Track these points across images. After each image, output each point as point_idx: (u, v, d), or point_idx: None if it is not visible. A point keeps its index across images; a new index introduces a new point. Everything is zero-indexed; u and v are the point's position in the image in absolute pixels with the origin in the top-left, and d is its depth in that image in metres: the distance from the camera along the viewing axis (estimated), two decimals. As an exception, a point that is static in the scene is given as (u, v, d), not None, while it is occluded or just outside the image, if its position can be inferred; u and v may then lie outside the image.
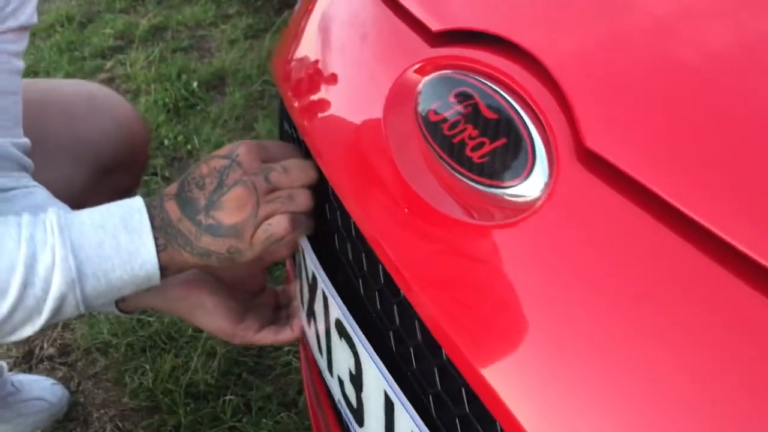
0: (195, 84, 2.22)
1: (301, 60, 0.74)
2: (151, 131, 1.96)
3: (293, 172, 0.67)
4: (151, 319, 1.46)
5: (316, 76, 0.70)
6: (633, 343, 0.39)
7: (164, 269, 0.66)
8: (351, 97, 0.64)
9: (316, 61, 0.71)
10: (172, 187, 0.68)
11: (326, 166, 0.62)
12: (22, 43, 0.85)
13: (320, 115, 0.66)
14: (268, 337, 0.80)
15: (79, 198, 1.00)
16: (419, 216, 0.51)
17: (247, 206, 0.65)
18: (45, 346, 1.46)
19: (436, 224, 0.49)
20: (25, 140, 0.88)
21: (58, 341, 1.47)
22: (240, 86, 2.24)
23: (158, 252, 0.65)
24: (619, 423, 0.38)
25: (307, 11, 0.80)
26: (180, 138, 2.01)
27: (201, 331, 1.38)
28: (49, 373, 1.41)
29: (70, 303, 0.64)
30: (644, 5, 0.51)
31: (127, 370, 1.38)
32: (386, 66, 0.61)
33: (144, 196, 0.68)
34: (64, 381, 1.38)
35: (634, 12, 0.51)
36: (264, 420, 1.26)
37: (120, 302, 0.77)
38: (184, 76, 2.27)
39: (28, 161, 0.88)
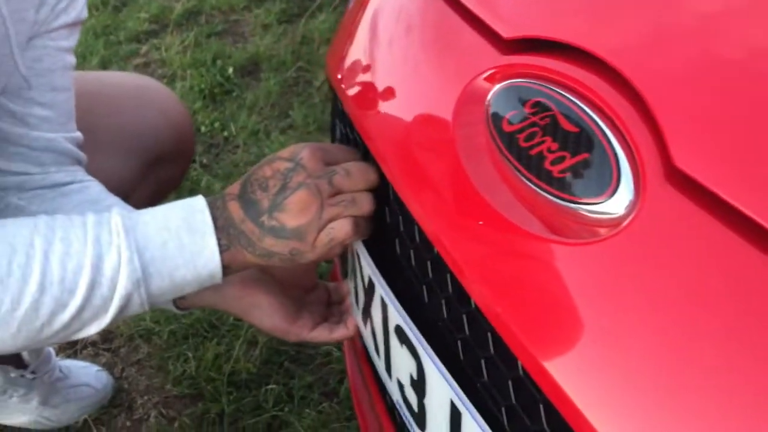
0: (230, 70, 2.22)
1: (359, 62, 0.74)
2: (188, 118, 1.96)
3: (356, 176, 0.67)
4: (192, 306, 1.47)
5: (376, 79, 0.69)
6: (723, 366, 0.39)
7: (226, 268, 0.67)
8: (416, 103, 0.63)
9: (377, 64, 0.70)
10: (235, 188, 0.68)
11: (391, 171, 0.62)
12: (73, 39, 0.86)
13: (383, 119, 0.65)
14: (323, 335, 0.81)
15: (128, 189, 1.02)
16: (493, 228, 0.51)
17: (311, 209, 0.65)
18: (88, 332, 1.48)
19: (513, 237, 0.49)
20: (78, 134, 0.89)
21: (102, 327, 1.49)
22: (275, 72, 2.24)
23: (221, 252, 0.66)
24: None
25: (362, 10, 0.79)
26: (217, 125, 2.01)
27: (242, 320, 1.39)
28: (93, 359, 1.43)
29: (135, 302, 0.66)
30: (735, 17, 0.50)
31: (169, 357, 1.40)
32: (454, 72, 0.60)
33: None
34: (108, 367, 1.40)
35: (725, 23, 0.50)
36: (307, 410, 1.27)
37: (178, 300, 0.78)
38: (219, 62, 2.27)
39: (81, 155, 0.89)
